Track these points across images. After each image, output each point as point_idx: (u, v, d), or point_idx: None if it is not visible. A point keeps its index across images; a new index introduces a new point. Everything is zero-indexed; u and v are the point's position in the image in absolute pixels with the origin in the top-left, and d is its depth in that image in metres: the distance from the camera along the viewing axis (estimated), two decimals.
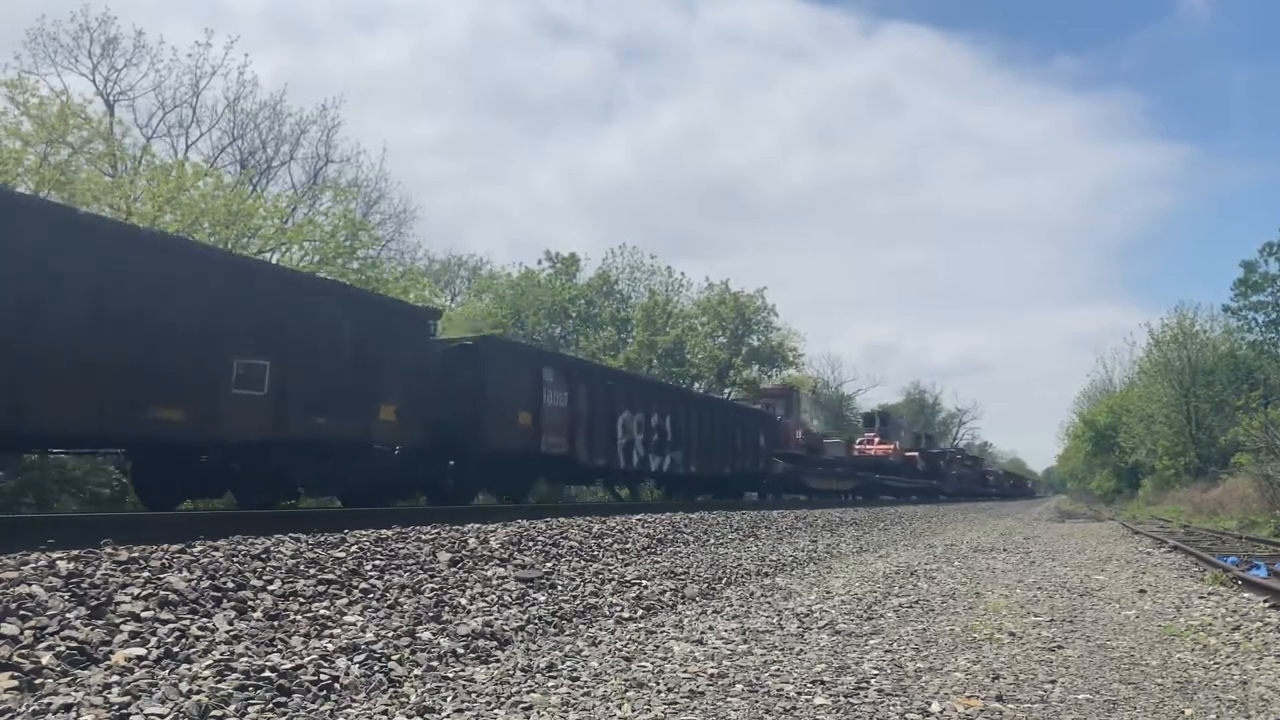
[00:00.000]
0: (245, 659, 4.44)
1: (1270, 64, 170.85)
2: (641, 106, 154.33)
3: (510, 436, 14.58)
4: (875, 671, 5.12)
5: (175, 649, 4.46)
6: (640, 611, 7.03)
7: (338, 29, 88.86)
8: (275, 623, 5.18)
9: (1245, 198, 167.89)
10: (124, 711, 3.68)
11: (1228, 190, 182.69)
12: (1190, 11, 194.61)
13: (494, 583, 7.12)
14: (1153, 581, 10.15)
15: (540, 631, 6.03)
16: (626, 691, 4.50)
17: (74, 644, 4.26)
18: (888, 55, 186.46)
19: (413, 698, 4.27)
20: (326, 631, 5.22)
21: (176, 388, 9.28)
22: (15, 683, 3.83)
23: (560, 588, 7.41)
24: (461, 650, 5.26)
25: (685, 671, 4.98)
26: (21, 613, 4.43)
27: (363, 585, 6.28)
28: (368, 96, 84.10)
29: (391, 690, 4.41)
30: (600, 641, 5.81)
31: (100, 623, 4.58)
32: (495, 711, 4.11)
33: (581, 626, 6.35)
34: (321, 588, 6.00)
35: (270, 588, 5.70)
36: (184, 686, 3.97)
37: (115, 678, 3.99)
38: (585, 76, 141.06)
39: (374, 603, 5.99)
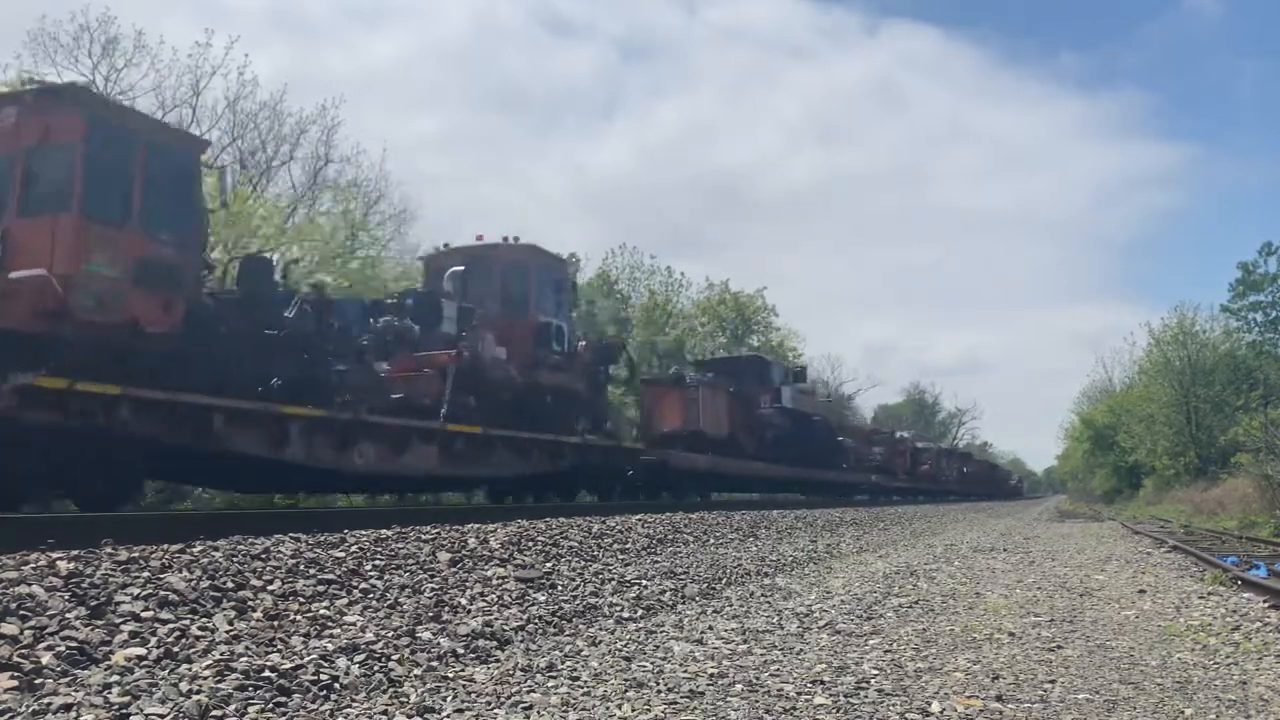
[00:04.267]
0: (245, 659, 4.44)
1: (1277, 61, 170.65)
2: (643, 104, 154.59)
3: None
4: (875, 671, 5.12)
5: (175, 649, 4.46)
6: (640, 611, 7.03)
7: (339, 26, 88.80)
8: (275, 623, 5.18)
9: (1249, 197, 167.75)
10: (124, 711, 3.68)
11: (1232, 189, 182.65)
12: (1196, 8, 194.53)
13: (494, 583, 7.12)
14: (1152, 581, 10.15)
15: (540, 631, 6.03)
16: (626, 691, 4.50)
17: (74, 644, 4.26)
18: (890, 53, 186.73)
19: (413, 697, 4.27)
20: (326, 631, 5.22)
21: None
22: (15, 683, 3.83)
23: (560, 588, 7.41)
24: (461, 650, 5.26)
25: (685, 671, 4.98)
26: (21, 613, 4.43)
27: (363, 585, 6.28)
28: (369, 93, 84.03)
29: (391, 690, 4.41)
30: (600, 641, 5.81)
31: (100, 623, 4.58)
32: (495, 711, 4.11)
33: (581, 626, 6.35)
34: (321, 588, 6.00)
35: (270, 588, 5.70)
36: (184, 686, 3.97)
37: (115, 678, 3.99)
38: (587, 74, 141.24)
39: (374, 602, 5.99)
